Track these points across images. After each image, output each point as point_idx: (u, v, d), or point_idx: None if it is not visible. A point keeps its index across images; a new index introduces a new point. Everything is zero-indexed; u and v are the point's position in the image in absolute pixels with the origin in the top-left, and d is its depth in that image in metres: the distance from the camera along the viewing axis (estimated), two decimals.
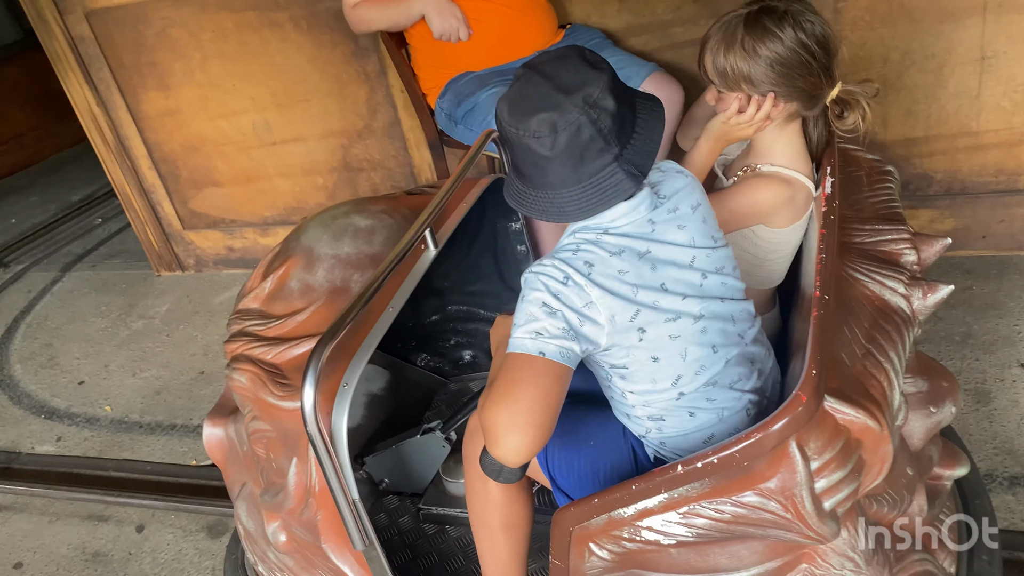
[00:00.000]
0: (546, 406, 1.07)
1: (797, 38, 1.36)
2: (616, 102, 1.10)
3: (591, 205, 1.12)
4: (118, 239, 4.17)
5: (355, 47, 2.85)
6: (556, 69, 1.12)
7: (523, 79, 1.13)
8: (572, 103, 1.08)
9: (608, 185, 1.11)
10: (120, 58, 3.18)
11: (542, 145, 1.09)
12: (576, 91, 1.08)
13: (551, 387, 1.08)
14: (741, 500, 1.01)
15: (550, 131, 1.08)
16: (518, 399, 1.06)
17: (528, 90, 1.11)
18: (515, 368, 1.08)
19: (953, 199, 2.48)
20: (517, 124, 1.10)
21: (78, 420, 2.85)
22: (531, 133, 1.09)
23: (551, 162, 1.10)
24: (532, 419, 1.05)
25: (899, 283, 1.23)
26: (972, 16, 2.22)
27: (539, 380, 1.07)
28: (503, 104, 1.13)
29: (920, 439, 1.28)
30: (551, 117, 1.08)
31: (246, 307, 1.56)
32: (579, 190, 1.12)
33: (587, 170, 1.11)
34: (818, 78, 1.39)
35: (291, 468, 1.36)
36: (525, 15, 2.31)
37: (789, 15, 1.36)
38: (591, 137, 1.09)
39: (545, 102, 1.09)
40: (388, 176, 3.10)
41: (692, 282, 1.17)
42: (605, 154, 1.11)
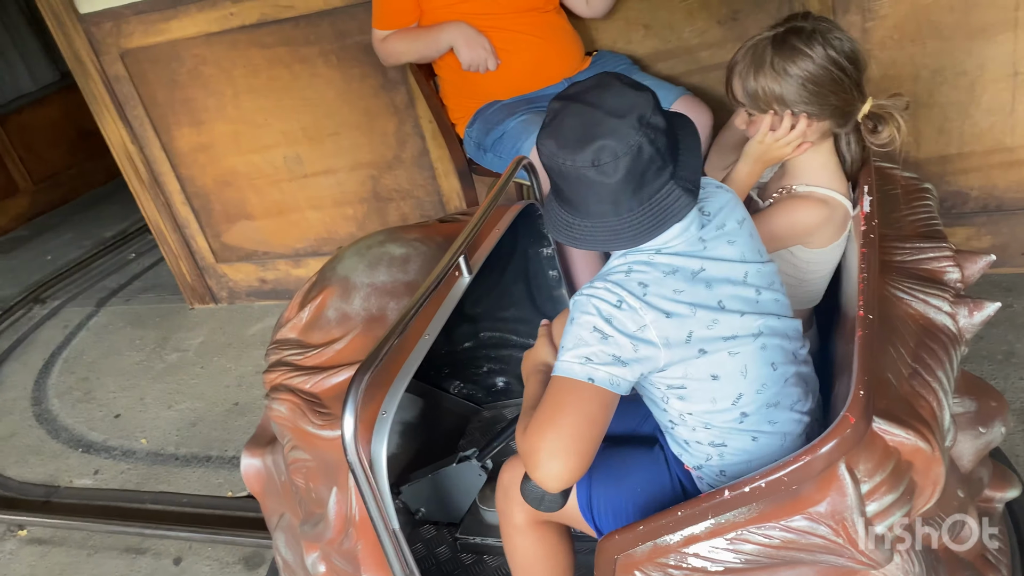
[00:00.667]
0: (591, 433, 1.05)
1: (827, 55, 1.35)
2: (666, 121, 1.10)
3: (650, 227, 1.10)
4: (152, 273, 4.22)
5: (384, 79, 2.88)
6: (600, 96, 1.09)
7: (565, 111, 1.10)
8: (628, 126, 1.06)
9: (668, 203, 1.09)
10: (154, 96, 3.25)
11: (602, 173, 1.06)
12: (628, 113, 1.06)
13: (597, 414, 1.06)
14: (790, 525, 0.99)
15: (612, 157, 1.05)
16: (563, 425, 1.05)
17: (574, 121, 1.08)
18: (561, 393, 1.07)
19: (990, 216, 2.45)
20: (571, 156, 1.07)
21: (115, 453, 2.88)
22: (589, 162, 1.06)
23: (612, 188, 1.08)
24: (575, 445, 1.04)
25: (944, 301, 1.21)
26: (1003, 32, 2.20)
27: (585, 406, 1.06)
28: (547, 139, 1.10)
29: (970, 461, 1.26)
30: (610, 143, 1.05)
31: (284, 337, 1.58)
32: (640, 213, 1.09)
33: (647, 191, 1.09)
34: (850, 94, 1.38)
35: (331, 497, 1.36)
36: (552, 43, 2.33)
37: (817, 33, 1.36)
38: (651, 157, 1.07)
39: (599, 129, 1.06)
40: (417, 205, 3.13)
41: (748, 298, 1.15)
42: (663, 173, 1.09)
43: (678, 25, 2.49)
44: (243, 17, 2.95)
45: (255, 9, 2.91)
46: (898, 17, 2.28)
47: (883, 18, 2.29)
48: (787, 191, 1.46)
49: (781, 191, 1.48)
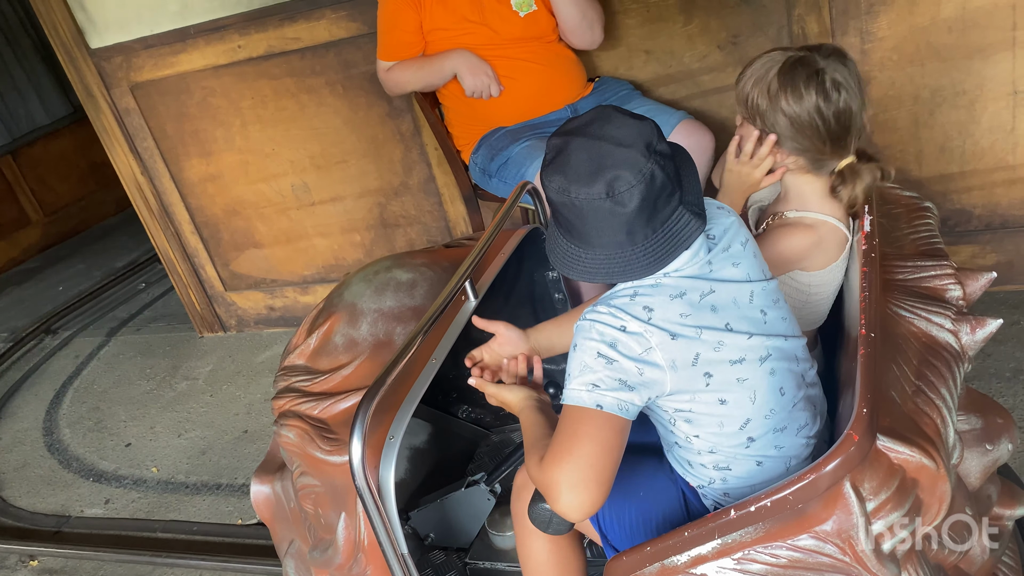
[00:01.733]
0: (608, 461, 1.06)
1: (816, 104, 1.34)
2: (671, 148, 1.10)
3: (664, 254, 1.09)
4: (161, 303, 4.25)
5: (389, 108, 2.92)
6: (602, 128, 1.08)
7: (567, 147, 1.09)
8: (638, 154, 1.05)
9: (679, 228, 1.09)
10: (163, 128, 3.29)
11: (618, 203, 1.05)
12: (636, 142, 1.06)
13: (611, 441, 1.06)
14: (797, 544, 1.00)
15: (627, 186, 1.05)
16: (580, 455, 1.05)
17: (581, 155, 1.07)
18: (573, 422, 1.07)
19: (994, 233, 2.45)
20: (584, 189, 1.06)
21: (125, 482, 2.88)
22: (604, 194, 1.05)
23: (627, 217, 1.07)
24: (594, 475, 1.05)
25: (946, 319, 1.22)
26: (1001, 51, 2.22)
27: (598, 434, 1.06)
28: (554, 176, 1.08)
29: (977, 478, 1.26)
30: (624, 174, 1.04)
31: (292, 363, 1.59)
32: (654, 240, 1.08)
33: (660, 218, 1.08)
34: (823, 146, 1.37)
35: (340, 523, 1.37)
36: (555, 70, 2.36)
37: (822, 75, 1.33)
38: (662, 184, 1.07)
39: (610, 159, 1.05)
40: (424, 231, 3.15)
41: (755, 319, 1.15)
42: (672, 199, 1.09)
43: (679, 50, 2.52)
44: (250, 49, 2.99)
45: (262, 41, 2.96)
46: (897, 39, 2.30)
47: (881, 40, 2.32)
48: (778, 217, 1.47)
49: (773, 217, 1.49)
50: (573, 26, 2.31)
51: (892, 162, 2.40)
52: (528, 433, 1.23)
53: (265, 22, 2.92)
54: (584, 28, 2.31)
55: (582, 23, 2.30)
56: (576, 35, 2.33)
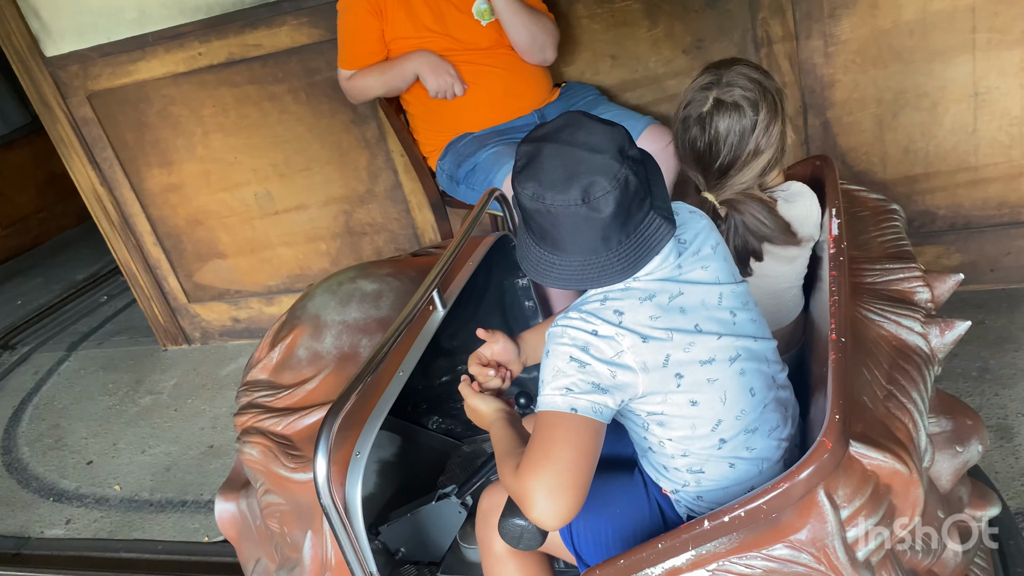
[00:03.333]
0: (584, 465, 1.04)
1: (690, 135, 1.40)
2: (642, 154, 1.10)
3: (636, 259, 1.08)
4: (124, 316, 4.17)
5: (354, 115, 2.89)
6: (574, 135, 1.07)
7: (539, 153, 1.08)
8: (613, 159, 1.04)
9: (651, 233, 1.08)
10: (123, 138, 3.23)
11: (595, 209, 1.04)
12: (609, 148, 1.05)
13: (587, 444, 1.05)
14: (772, 554, 0.98)
15: (603, 192, 1.03)
16: (556, 460, 1.03)
17: (554, 161, 1.06)
18: (548, 428, 1.06)
19: (958, 234, 2.48)
20: (558, 196, 1.05)
21: (87, 501, 2.81)
22: (579, 200, 1.04)
23: (602, 223, 1.06)
24: (571, 479, 1.03)
25: (915, 322, 1.22)
26: (961, 54, 2.25)
27: (574, 438, 1.04)
28: (527, 183, 1.07)
29: (948, 480, 1.26)
30: (599, 179, 1.03)
31: (254, 378, 1.55)
32: (627, 245, 1.07)
33: (633, 223, 1.07)
34: (694, 172, 1.43)
35: (306, 542, 1.33)
36: (520, 75, 2.35)
37: (718, 107, 1.37)
38: (636, 188, 1.06)
39: (583, 166, 1.04)
40: (391, 239, 3.12)
41: (724, 320, 1.15)
42: (644, 203, 1.08)
43: (644, 55, 2.52)
44: (211, 57, 2.94)
45: (223, 49, 2.91)
46: (859, 42, 2.32)
47: (845, 43, 2.33)
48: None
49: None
50: (524, 48, 2.31)
51: (858, 164, 2.45)
52: (499, 445, 1.21)
53: (225, 29, 2.87)
54: (535, 50, 2.31)
55: (532, 46, 2.30)
56: (527, 55, 2.33)
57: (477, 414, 1.32)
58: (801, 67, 2.39)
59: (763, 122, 1.36)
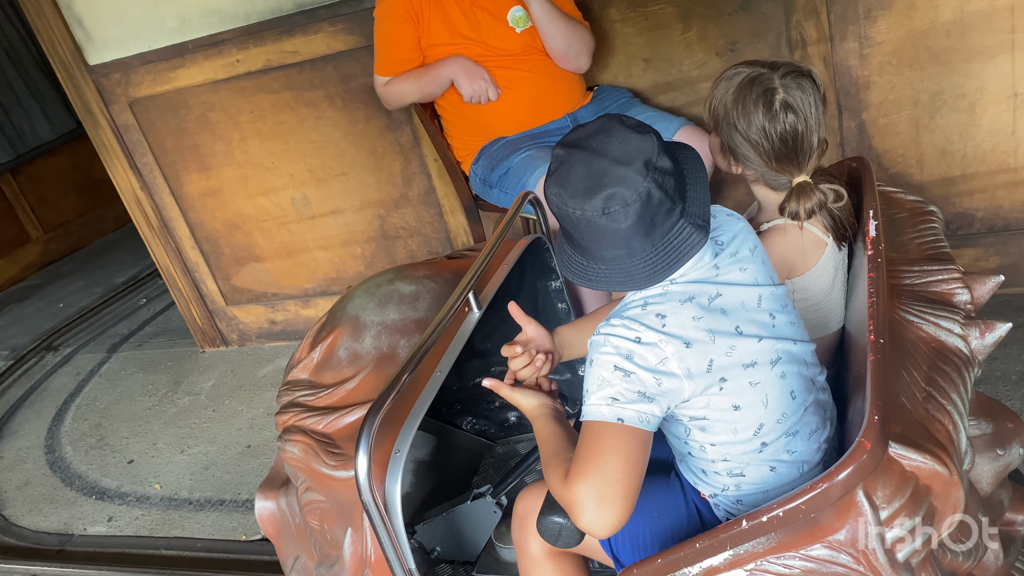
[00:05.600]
0: (633, 475, 1.05)
1: (759, 125, 1.37)
2: (672, 161, 1.10)
3: (664, 267, 1.09)
4: (162, 318, 4.24)
5: (389, 120, 2.92)
6: (604, 143, 1.08)
7: (569, 159, 1.09)
8: (636, 172, 1.05)
9: (680, 242, 1.09)
10: (162, 143, 3.29)
11: (613, 220, 1.06)
12: (635, 160, 1.06)
13: (635, 454, 1.06)
14: (810, 554, 0.98)
15: (622, 205, 1.05)
16: (605, 470, 1.04)
17: (581, 169, 1.08)
18: (595, 438, 1.07)
19: (997, 236, 2.45)
20: (580, 205, 1.07)
21: (128, 499, 2.87)
22: (600, 211, 1.06)
23: (623, 234, 1.07)
24: (621, 490, 1.04)
25: (955, 323, 1.21)
26: (1001, 54, 2.22)
27: (622, 448, 1.05)
28: (555, 186, 1.09)
29: (989, 483, 1.24)
30: (620, 192, 1.05)
31: (295, 378, 1.58)
32: (653, 253, 1.09)
33: (658, 233, 1.08)
34: (768, 165, 1.40)
35: (346, 539, 1.35)
36: (553, 80, 2.36)
37: (772, 95, 1.35)
38: (660, 201, 1.07)
39: (607, 178, 1.05)
40: (425, 242, 3.14)
41: (764, 322, 1.15)
42: (672, 213, 1.08)
43: (677, 58, 2.52)
44: (249, 64, 2.99)
45: (260, 56, 2.96)
46: (895, 43, 2.30)
47: (880, 44, 2.31)
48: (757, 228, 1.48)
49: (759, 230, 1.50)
50: (559, 55, 2.32)
51: (894, 166, 2.43)
52: (545, 444, 1.22)
53: (263, 36, 2.92)
54: (571, 57, 2.32)
55: (568, 52, 2.31)
56: (563, 62, 2.34)
57: (519, 405, 1.33)
58: (836, 69, 2.38)
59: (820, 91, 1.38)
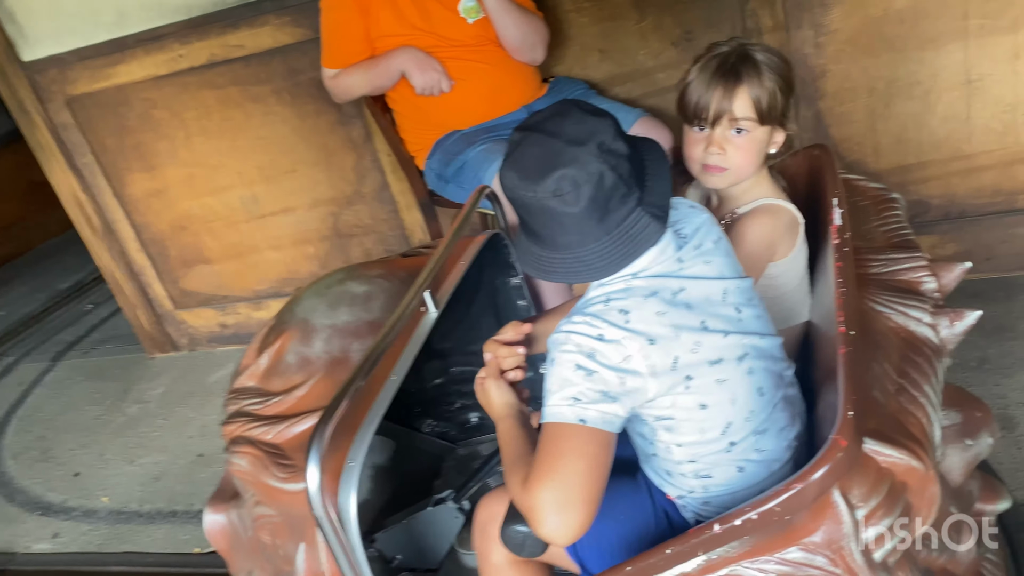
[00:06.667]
0: (596, 478, 1.01)
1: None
2: (628, 147, 1.06)
3: (620, 256, 1.06)
4: (109, 324, 4.10)
5: (339, 115, 2.84)
6: (559, 125, 1.06)
7: (525, 141, 1.07)
8: (588, 153, 1.02)
9: (636, 231, 1.05)
10: (103, 142, 3.17)
11: (565, 203, 1.03)
12: (588, 141, 1.03)
13: (598, 457, 1.01)
14: (785, 557, 0.95)
15: (573, 186, 1.02)
16: (566, 474, 1.00)
17: (534, 150, 1.05)
18: (556, 440, 1.02)
19: (953, 223, 2.45)
20: (533, 187, 1.04)
21: (75, 514, 2.75)
22: (551, 192, 1.03)
23: (576, 218, 1.04)
24: (582, 494, 0.99)
25: (924, 312, 1.18)
26: (954, 41, 2.22)
27: (584, 450, 1.01)
28: (509, 171, 1.06)
29: (960, 474, 1.23)
30: (571, 172, 1.02)
31: (242, 385, 1.50)
32: (608, 241, 1.05)
33: (613, 219, 1.05)
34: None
35: (299, 554, 1.29)
36: (507, 72, 2.31)
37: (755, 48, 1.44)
38: (613, 184, 1.03)
39: (559, 158, 1.03)
40: (380, 240, 3.07)
41: (730, 317, 1.12)
42: (628, 200, 1.05)
43: (633, 48, 2.48)
44: (192, 59, 2.89)
45: (204, 50, 2.86)
46: (850, 31, 2.29)
47: (835, 32, 2.30)
48: (732, 216, 1.44)
49: (727, 219, 1.46)
50: (514, 46, 2.27)
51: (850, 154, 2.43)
52: (507, 448, 1.17)
53: (206, 30, 2.82)
54: (525, 48, 2.27)
55: (522, 43, 2.26)
56: (517, 54, 2.29)
57: (489, 401, 1.27)
58: (792, 58, 2.35)
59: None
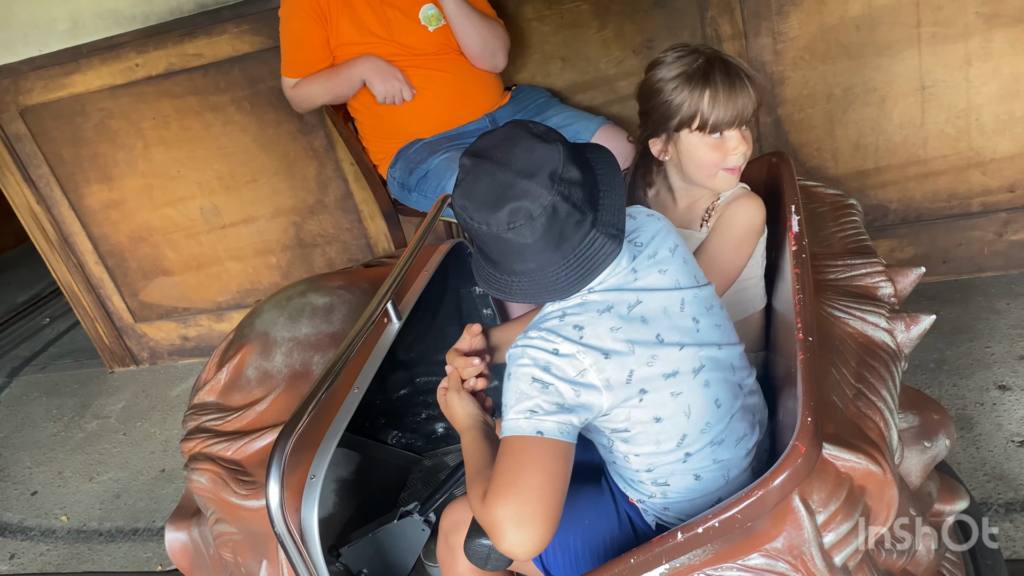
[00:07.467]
0: (555, 490, 1.00)
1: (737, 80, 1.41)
2: (579, 169, 1.05)
3: (578, 278, 1.06)
4: (67, 338, 4.02)
5: (300, 124, 2.81)
6: (508, 153, 1.04)
7: (475, 170, 1.05)
8: (540, 185, 1.01)
9: (592, 253, 1.05)
10: (59, 153, 3.10)
11: (520, 235, 1.02)
12: (539, 172, 1.02)
13: (555, 468, 1.01)
14: (748, 564, 0.95)
15: (527, 219, 1.01)
16: (525, 487, 0.99)
17: (485, 181, 1.04)
18: (514, 453, 1.01)
19: (911, 227, 2.50)
20: (486, 219, 1.03)
21: (32, 534, 2.69)
22: (505, 226, 1.02)
23: (532, 248, 1.04)
24: (542, 508, 0.98)
25: (880, 317, 1.20)
26: (907, 48, 2.26)
27: (542, 462, 1.00)
28: (462, 200, 1.05)
29: (918, 476, 1.24)
30: (524, 205, 1.01)
31: (202, 401, 1.48)
32: (564, 267, 1.05)
33: (569, 245, 1.05)
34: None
35: (261, 571, 1.26)
36: (469, 80, 2.30)
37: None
38: (567, 213, 1.03)
39: (511, 191, 1.02)
40: (344, 250, 3.05)
41: (687, 328, 1.11)
42: (583, 224, 1.05)
43: (594, 56, 2.50)
44: (149, 68, 2.85)
45: (161, 59, 2.82)
46: (808, 38, 2.32)
47: (793, 40, 2.33)
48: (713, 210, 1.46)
49: (708, 213, 1.47)
50: (475, 54, 2.26)
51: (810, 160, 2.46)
52: (470, 461, 1.16)
53: (164, 39, 2.78)
54: (486, 55, 2.27)
55: (483, 50, 2.26)
56: (478, 61, 2.28)
57: (452, 413, 1.26)
58: (751, 65, 2.38)
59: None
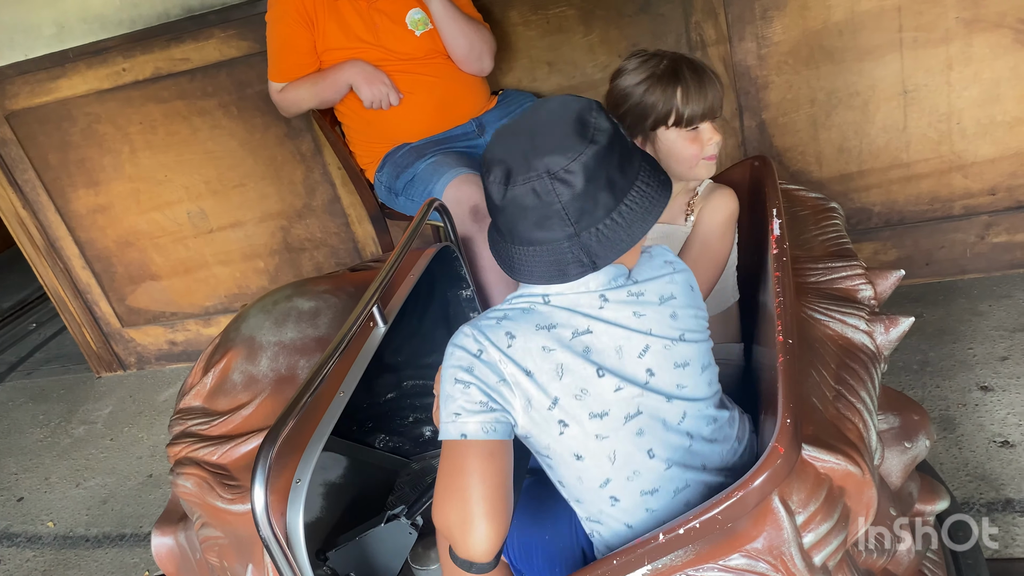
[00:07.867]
0: (492, 489, 0.99)
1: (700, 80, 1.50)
2: (588, 183, 1.00)
3: (539, 274, 1.04)
4: (54, 343, 4.01)
5: (288, 128, 2.82)
6: (546, 124, 1.03)
7: (525, 117, 1.07)
8: (532, 167, 1.00)
9: (552, 260, 1.02)
10: (45, 158, 3.10)
11: (493, 189, 1.03)
12: (544, 156, 1.00)
13: (487, 468, 1.00)
14: (728, 564, 0.96)
15: (502, 181, 1.02)
16: (460, 491, 0.99)
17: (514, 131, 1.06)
18: (447, 460, 1.02)
19: (894, 230, 2.52)
20: (490, 152, 1.05)
21: (18, 540, 2.67)
22: (489, 174, 1.04)
23: (500, 211, 1.04)
24: (483, 508, 0.98)
25: (860, 320, 1.21)
26: (890, 53, 2.29)
27: (472, 465, 0.99)
28: (501, 129, 1.08)
29: (899, 476, 1.25)
30: (509, 170, 1.02)
31: (187, 405, 1.48)
32: (529, 252, 1.04)
33: (537, 236, 1.02)
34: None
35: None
36: (456, 84, 2.31)
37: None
38: (544, 205, 1.00)
39: (512, 153, 1.02)
40: (332, 254, 3.05)
41: (634, 374, 1.05)
42: (557, 229, 1.01)
43: (580, 61, 2.51)
44: (136, 72, 2.85)
45: (148, 64, 2.82)
46: (791, 43, 2.34)
47: (777, 44, 2.35)
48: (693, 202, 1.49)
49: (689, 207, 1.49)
50: (461, 57, 2.27)
51: (794, 163, 2.48)
52: None
53: (151, 43, 2.78)
54: (473, 58, 2.28)
55: (470, 54, 2.27)
56: (465, 65, 2.29)
57: None
58: (735, 69, 2.41)
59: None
